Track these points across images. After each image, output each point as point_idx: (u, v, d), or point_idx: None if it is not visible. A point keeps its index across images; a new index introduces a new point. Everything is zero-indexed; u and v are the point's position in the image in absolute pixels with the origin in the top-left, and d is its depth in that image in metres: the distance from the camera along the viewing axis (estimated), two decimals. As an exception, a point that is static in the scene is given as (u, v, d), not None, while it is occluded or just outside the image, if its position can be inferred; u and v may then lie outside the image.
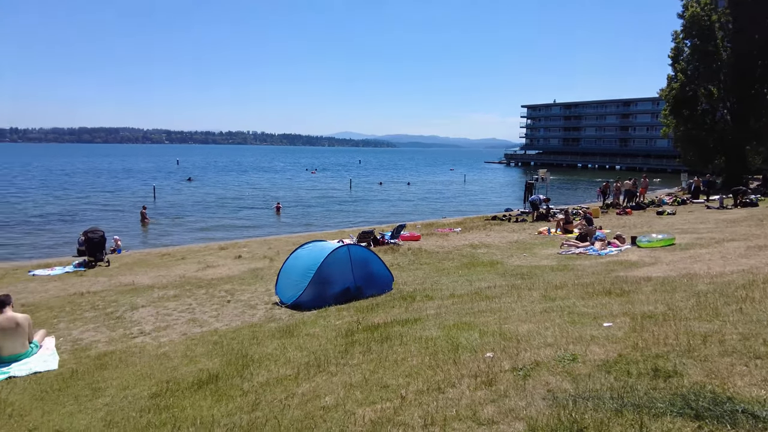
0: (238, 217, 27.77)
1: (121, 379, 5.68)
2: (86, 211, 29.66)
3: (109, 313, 8.83)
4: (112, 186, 47.77)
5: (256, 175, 67.74)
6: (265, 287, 10.51)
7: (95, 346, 7.18)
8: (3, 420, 4.79)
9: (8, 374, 6.13)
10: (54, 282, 11.66)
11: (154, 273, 12.27)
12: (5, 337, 6.50)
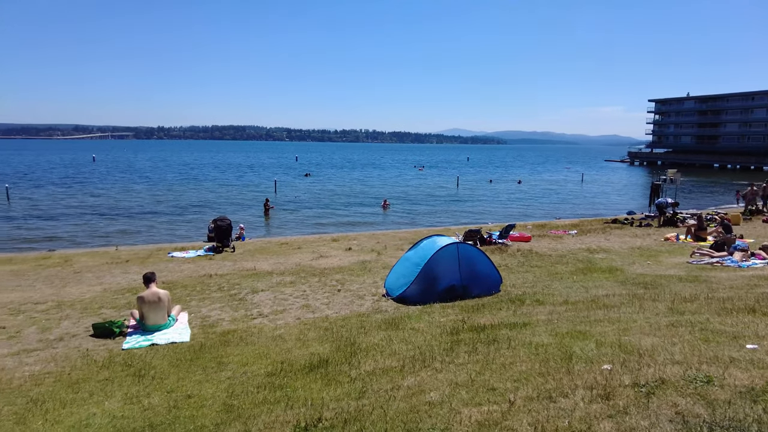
0: (348, 212, 28.87)
1: (242, 356, 6.18)
2: (216, 201, 32.77)
3: (233, 294, 9.65)
4: (238, 179, 52.20)
5: (366, 171, 69.88)
6: (372, 279, 10.79)
7: (220, 323, 7.88)
8: (148, 380, 5.46)
9: (152, 341, 6.97)
10: (188, 264, 13.02)
11: (273, 260, 13.18)
12: (150, 309, 7.41)
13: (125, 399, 4.98)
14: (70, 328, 7.73)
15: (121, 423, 4.42)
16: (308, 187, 43.71)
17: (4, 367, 6.13)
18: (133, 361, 6.18)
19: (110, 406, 4.82)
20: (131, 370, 5.87)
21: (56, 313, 8.52)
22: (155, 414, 4.55)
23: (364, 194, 38.62)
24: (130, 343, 6.98)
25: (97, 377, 5.68)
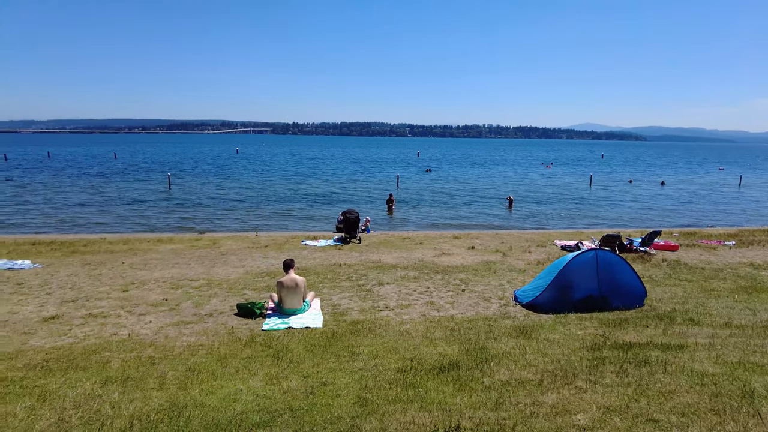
0: (470, 209, 28.39)
1: (372, 347, 6.27)
2: (342, 193, 34.30)
3: (361, 285, 9.91)
4: (363, 173, 54.15)
5: (488, 168, 68.27)
6: (498, 281, 10.40)
7: (350, 312, 8.12)
8: (285, 362, 5.78)
9: (288, 325, 7.40)
10: (319, 252, 13.70)
11: (397, 254, 13.36)
12: (288, 293, 7.87)
13: (266, 379, 5.31)
14: (218, 305, 8.51)
15: (264, 402, 4.69)
16: (429, 183, 43.85)
17: (168, 335, 6.92)
18: (272, 343, 6.59)
19: (254, 384, 5.15)
20: (270, 351, 6.26)
21: (207, 291, 9.45)
22: (294, 398, 4.77)
23: (486, 192, 37.71)
24: (269, 324, 7.47)
25: (241, 354, 6.15)
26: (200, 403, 4.66)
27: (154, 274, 10.82)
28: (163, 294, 9.16)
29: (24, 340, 6.78)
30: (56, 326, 7.39)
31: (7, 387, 5.17)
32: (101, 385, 5.18)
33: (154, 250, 13.77)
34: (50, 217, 23.44)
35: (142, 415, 4.42)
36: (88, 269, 11.29)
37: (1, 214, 24.51)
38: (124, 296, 9.05)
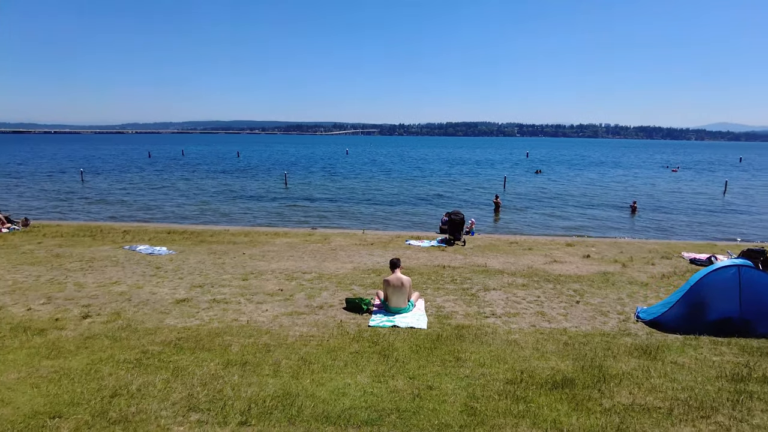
0: (584, 214, 26.69)
1: (478, 355, 6.10)
2: (446, 194, 34.08)
3: (465, 289, 9.72)
4: (469, 174, 53.39)
5: (605, 170, 63.68)
6: (616, 294, 9.61)
7: (454, 316, 7.99)
8: (392, 361, 5.82)
9: (394, 323, 7.47)
10: (423, 253, 13.71)
11: (503, 259, 12.93)
12: (394, 292, 7.95)
13: (373, 376, 5.38)
14: (328, 298, 8.84)
15: (371, 399, 4.76)
16: (539, 185, 42.01)
17: (282, 324, 7.32)
18: (378, 339, 6.69)
19: (361, 380, 5.26)
20: (377, 348, 6.35)
21: (318, 284, 9.88)
22: (401, 398, 4.78)
23: (603, 196, 35.19)
24: (375, 321, 7.60)
25: (349, 348, 6.31)
26: (311, 394, 4.84)
27: (271, 265, 11.55)
28: (279, 284, 9.74)
29: (161, 319, 7.58)
30: (186, 308, 8.17)
31: (149, 359, 5.81)
32: (223, 367, 5.61)
33: (272, 243, 14.72)
34: (183, 209, 26.13)
35: (258, 400, 4.70)
36: (214, 258, 12.36)
37: (146, 206, 27.80)
38: (244, 285, 9.77)
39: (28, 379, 5.21)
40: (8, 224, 16.99)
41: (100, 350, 6.15)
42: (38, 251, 13.04)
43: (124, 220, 22.03)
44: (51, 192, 33.67)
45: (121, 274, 10.55)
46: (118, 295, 8.88)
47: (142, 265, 11.45)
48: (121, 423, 4.23)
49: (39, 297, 8.72)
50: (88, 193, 32.96)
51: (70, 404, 4.59)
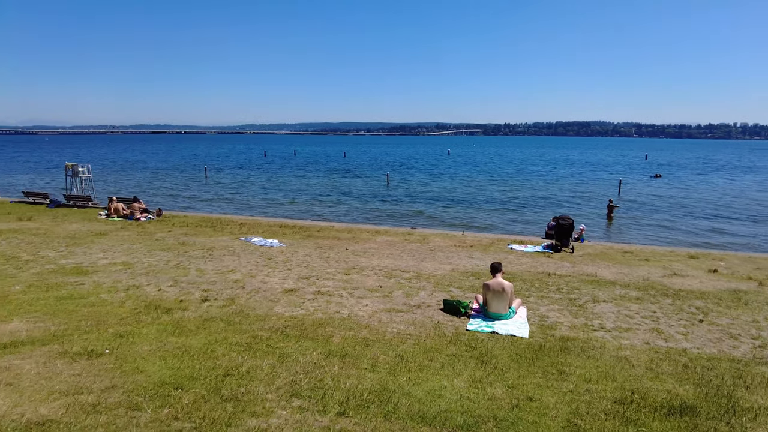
0: (710, 224, 23.95)
1: (584, 370, 5.73)
2: (553, 197, 32.46)
3: (572, 299, 9.18)
4: (579, 176, 50.42)
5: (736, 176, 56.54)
6: (750, 316, 8.49)
7: (558, 327, 7.57)
8: (490, 368, 5.67)
9: (493, 329, 7.27)
10: (526, 258, 13.19)
11: (616, 269, 12.02)
12: (494, 297, 7.74)
13: (470, 381, 5.28)
14: (426, 298, 8.84)
15: (468, 405, 4.67)
16: (658, 191, 38.47)
17: (381, 320, 7.46)
18: (476, 344, 6.55)
19: (458, 384, 5.18)
20: (474, 352, 6.22)
21: (416, 283, 9.92)
22: (498, 407, 4.64)
23: (733, 205, 31.31)
24: (473, 325, 7.45)
25: (446, 350, 6.26)
26: (407, 392, 4.87)
27: (371, 261, 11.84)
28: (378, 281, 9.95)
29: (270, 307, 8.09)
30: (293, 298, 8.64)
31: (258, 344, 6.23)
32: (324, 357, 5.84)
33: (372, 240, 15.08)
34: (294, 205, 27.71)
35: (356, 392, 4.83)
36: (320, 252, 12.94)
37: (261, 201, 29.89)
38: (346, 279, 10.11)
39: (157, 352, 5.83)
40: (146, 213, 19.22)
41: (216, 332, 6.71)
42: (168, 239, 14.58)
43: (241, 213, 23.91)
44: (181, 185, 37.54)
45: (236, 263, 11.44)
46: (233, 283, 9.64)
47: (255, 255, 12.32)
48: (232, 401, 4.58)
49: (168, 279, 9.75)
50: (210, 188, 36.25)
51: (190, 378, 5.07)
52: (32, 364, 5.34)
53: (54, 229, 15.76)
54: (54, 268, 10.46)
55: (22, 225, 16.53)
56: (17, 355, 5.64)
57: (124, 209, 19.29)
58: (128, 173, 49.52)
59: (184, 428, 4.02)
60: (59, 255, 11.90)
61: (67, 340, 6.16)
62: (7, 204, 23.43)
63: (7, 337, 6.23)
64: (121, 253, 12.22)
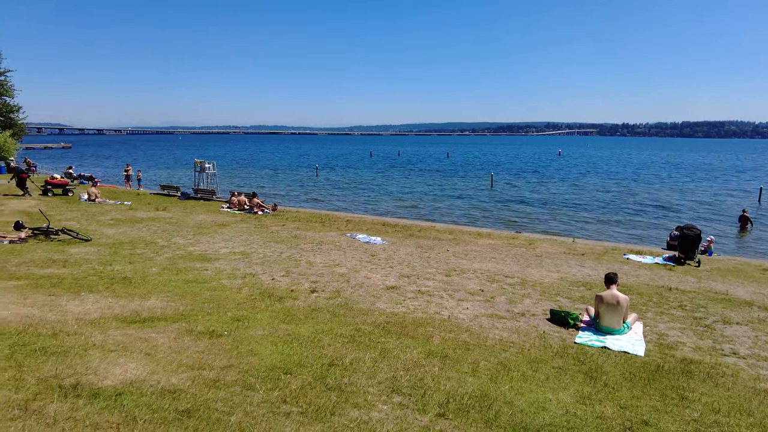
0: None
1: (711, 398, 5.14)
2: (681, 205, 29.47)
3: (698, 318, 8.28)
4: (708, 182, 45.26)
5: None
6: None
7: (680, 347, 6.87)
8: (599, 385, 5.31)
9: (604, 344, 6.79)
10: (644, 270, 12.14)
11: (752, 288, 10.62)
12: (607, 310, 7.23)
13: (577, 397, 4.98)
14: (531, 306, 8.50)
15: (574, 421, 4.42)
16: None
17: (482, 325, 7.32)
18: (584, 359, 6.17)
19: (564, 398, 4.92)
20: (583, 367, 5.86)
21: (520, 290, 9.58)
22: (608, 427, 4.33)
23: None
24: (583, 338, 7.02)
25: (551, 362, 5.96)
26: (509, 401, 4.73)
27: (473, 264, 11.66)
28: (480, 285, 9.76)
29: (372, 302, 8.30)
30: (394, 295, 8.78)
31: (360, 337, 6.42)
32: (425, 356, 5.86)
33: (474, 243, 14.84)
34: (396, 204, 28.15)
35: (456, 395, 4.78)
36: (420, 252, 13.01)
37: (366, 199, 30.78)
38: (446, 280, 10.05)
39: (269, 337, 6.25)
40: (262, 208, 20.70)
41: (323, 322, 7.03)
42: (282, 232, 15.56)
43: (347, 210, 24.83)
44: (295, 183, 39.90)
45: (342, 257, 11.89)
46: (339, 276, 10.04)
47: (359, 251, 12.72)
48: (336, 390, 4.77)
49: (280, 270, 10.41)
50: (321, 185, 38.08)
51: (298, 365, 5.36)
52: (165, 338, 6.00)
53: (184, 219, 17.56)
54: (183, 254, 11.65)
55: (158, 214, 18.64)
56: (153, 329, 6.37)
57: (245, 204, 20.95)
58: (247, 170, 53.71)
59: (291, 412, 4.26)
60: (188, 242, 13.23)
61: (192, 320, 6.83)
62: (148, 195, 26.57)
63: (147, 312, 7.07)
64: (240, 244, 13.27)
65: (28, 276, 8.99)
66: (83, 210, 19.02)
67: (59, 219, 16.03)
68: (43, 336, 5.80)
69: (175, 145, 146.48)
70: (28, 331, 5.92)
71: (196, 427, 3.83)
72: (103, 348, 5.51)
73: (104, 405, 4.09)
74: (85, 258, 10.82)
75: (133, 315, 6.94)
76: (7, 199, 21.13)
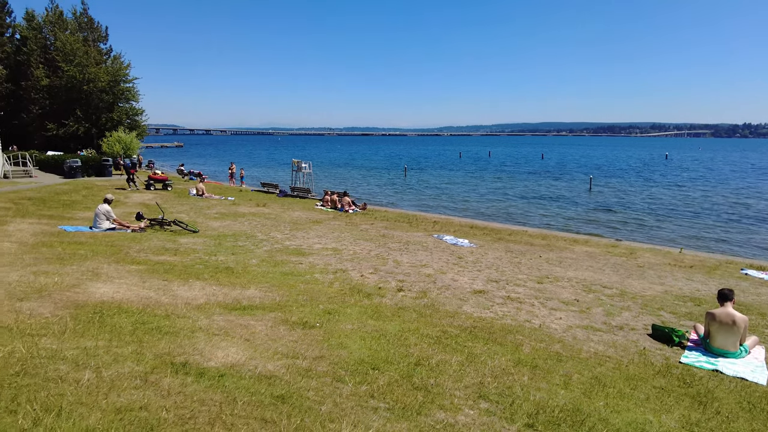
0: None
1: None
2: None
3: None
4: None
5: None
6: None
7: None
8: (710, 412, 4.82)
9: (715, 367, 6.16)
10: (766, 288, 10.84)
11: None
12: (720, 330, 6.56)
13: (683, 422, 4.58)
14: (630, 320, 7.93)
15: (680, 447, 4.06)
16: None
17: (576, 336, 6.96)
18: (692, 381, 5.64)
19: (667, 422, 4.54)
20: (690, 390, 5.37)
21: (619, 302, 8.97)
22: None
23: None
24: (690, 359, 6.42)
25: (652, 381, 5.53)
26: (604, 419, 4.45)
27: (567, 272, 11.12)
28: (575, 294, 9.29)
29: (459, 305, 8.22)
30: (482, 300, 8.62)
31: (447, 339, 6.38)
32: (514, 365, 5.69)
33: (570, 249, 14.15)
34: (485, 206, 27.62)
35: (547, 407, 4.59)
36: (510, 256, 12.65)
37: (454, 200, 30.54)
38: (538, 287, 9.68)
39: (358, 332, 6.42)
40: (353, 206, 21.29)
41: (409, 321, 7.08)
42: (371, 230, 15.89)
43: (435, 211, 24.78)
44: (383, 182, 40.58)
45: (429, 258, 11.90)
46: (426, 277, 10.05)
47: (446, 253, 12.65)
48: (422, 390, 4.78)
49: (369, 267, 10.63)
50: (409, 186, 38.37)
51: (385, 361, 5.45)
52: (262, 326, 6.38)
53: (281, 215, 18.55)
54: (280, 248, 12.31)
55: (259, 210, 19.85)
56: (253, 316, 6.80)
57: (337, 202, 21.69)
58: (339, 170, 55.50)
59: (379, 407, 4.35)
60: (284, 237, 13.95)
61: (287, 310, 7.20)
62: (249, 192, 28.40)
63: (247, 301, 7.56)
64: (332, 240, 13.76)
65: (145, 261, 9.99)
66: (192, 204, 20.76)
67: (172, 212, 17.64)
68: (158, 317, 6.42)
69: (273, 145, 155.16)
70: (146, 311, 6.58)
71: (289, 413, 4.03)
72: (208, 331, 5.98)
73: (209, 384, 4.44)
74: (193, 248, 11.81)
75: (234, 302, 7.45)
76: (131, 192, 23.64)
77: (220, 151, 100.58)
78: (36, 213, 15.23)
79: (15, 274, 7.92)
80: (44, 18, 45.20)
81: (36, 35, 44.30)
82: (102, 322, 5.94)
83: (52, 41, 44.35)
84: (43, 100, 43.42)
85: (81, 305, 6.59)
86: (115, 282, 8.04)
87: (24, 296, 6.79)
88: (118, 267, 9.20)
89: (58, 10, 45.63)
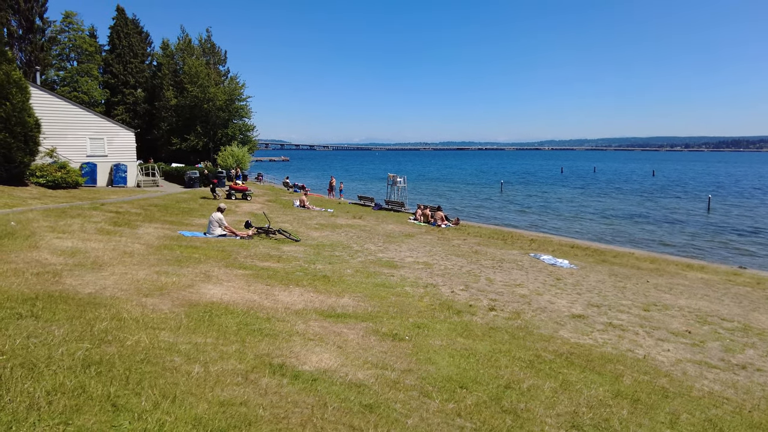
0: None
1: None
2: None
3: None
4: None
5: None
6: None
7: None
8: None
9: None
10: None
11: None
12: None
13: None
14: (756, 359, 7.07)
15: None
16: None
17: (686, 372, 6.35)
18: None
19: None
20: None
21: (741, 337, 8.04)
22: None
23: None
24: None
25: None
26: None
27: (678, 300, 10.18)
28: (687, 325, 8.47)
29: (555, 329, 7.86)
30: (581, 325, 8.16)
31: (540, 364, 6.13)
32: (612, 396, 5.32)
33: (682, 275, 12.95)
34: (589, 225, 26.10)
35: (649, 446, 4.24)
36: (614, 280, 11.85)
37: (554, 218, 29.27)
38: (644, 315, 8.97)
39: (447, 348, 6.39)
40: (446, 221, 21.22)
41: (500, 342, 6.91)
42: (463, 246, 15.73)
43: (532, 229, 23.90)
44: (478, 197, 39.99)
45: (524, 278, 11.51)
46: (520, 297, 9.74)
47: (543, 273, 12.15)
48: (511, 414, 4.65)
49: (459, 284, 10.53)
50: (505, 202, 37.42)
51: (474, 381, 5.37)
52: (354, 335, 6.58)
53: (376, 227, 18.99)
54: (373, 260, 12.61)
55: (355, 222, 20.50)
56: (345, 324, 7.04)
57: (430, 216, 21.77)
58: (434, 184, 55.63)
59: (465, 427, 4.30)
60: (378, 249, 14.27)
61: (378, 321, 7.36)
62: (347, 204, 29.44)
63: (341, 309, 7.85)
64: (423, 254, 13.82)
65: (251, 267, 10.75)
66: (295, 214, 21.98)
67: (277, 221, 18.80)
68: (260, 319, 6.88)
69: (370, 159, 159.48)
70: (249, 313, 7.09)
71: (376, 423, 4.13)
72: (304, 336, 6.30)
73: (302, 387, 4.68)
74: (294, 256, 12.49)
75: (329, 310, 7.78)
76: (240, 202, 25.59)
77: (321, 165, 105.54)
78: (161, 219, 17.03)
79: (142, 273, 8.92)
80: (176, 46, 50.83)
81: (169, 61, 50.00)
82: (211, 321, 6.50)
83: (181, 65, 49.73)
84: (171, 118, 48.74)
85: (194, 304, 7.26)
86: (224, 284, 8.75)
87: (148, 293, 7.63)
88: (227, 271, 9.99)
89: (187, 38, 51.09)
